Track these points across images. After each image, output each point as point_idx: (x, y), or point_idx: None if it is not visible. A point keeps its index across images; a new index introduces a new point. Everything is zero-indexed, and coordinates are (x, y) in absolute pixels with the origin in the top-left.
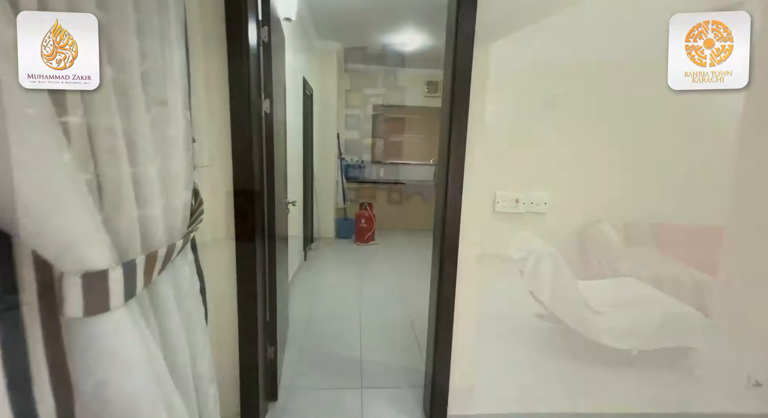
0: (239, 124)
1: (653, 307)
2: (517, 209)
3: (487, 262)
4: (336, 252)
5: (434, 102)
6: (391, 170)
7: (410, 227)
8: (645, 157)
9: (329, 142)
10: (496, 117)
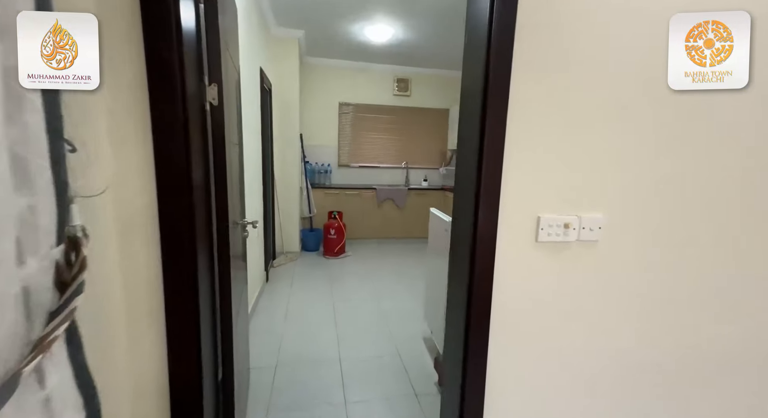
0: (166, 120)
1: None
2: (566, 237)
3: (532, 324)
4: (303, 269)
5: (404, 101)
6: (361, 174)
7: (383, 235)
8: None
9: (291, 144)
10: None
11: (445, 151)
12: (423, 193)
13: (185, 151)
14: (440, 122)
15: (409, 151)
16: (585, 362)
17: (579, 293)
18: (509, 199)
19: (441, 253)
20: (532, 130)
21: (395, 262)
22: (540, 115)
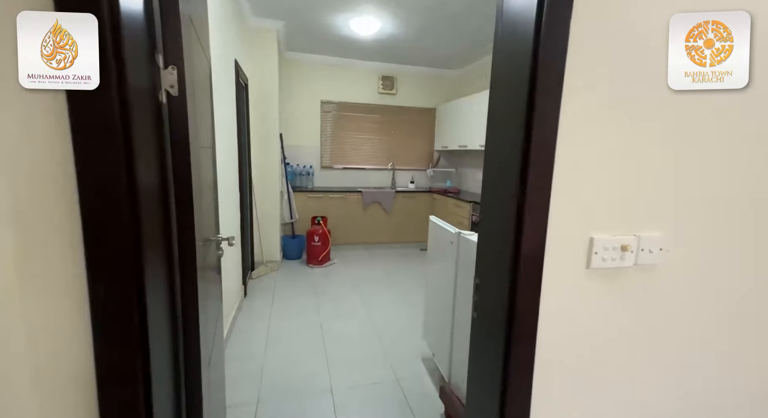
0: (90, 110)
1: None
2: (622, 262)
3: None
4: (285, 280)
5: (389, 100)
6: (345, 177)
7: (370, 240)
8: None
9: (270, 145)
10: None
11: (432, 151)
12: (410, 196)
13: (120, 152)
14: (427, 122)
15: (395, 152)
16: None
17: (640, 329)
18: (557, 214)
19: (443, 266)
20: (588, 122)
21: (385, 269)
22: (596, 103)
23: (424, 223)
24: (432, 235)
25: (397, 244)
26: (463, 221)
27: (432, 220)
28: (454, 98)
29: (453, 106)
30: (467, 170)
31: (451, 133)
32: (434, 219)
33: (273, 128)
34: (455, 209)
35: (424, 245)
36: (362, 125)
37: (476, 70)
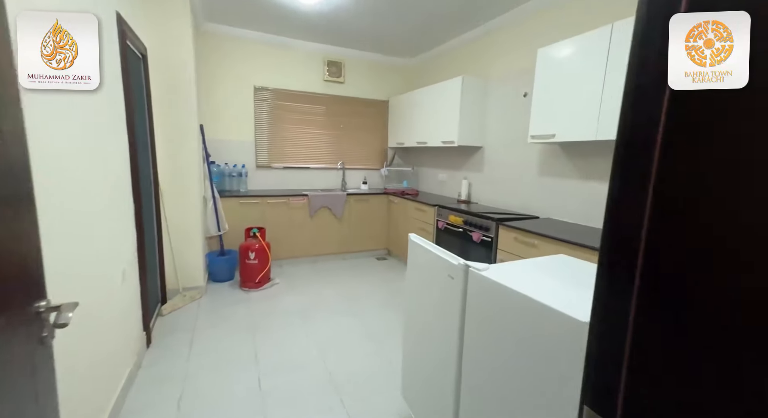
0: None
1: None
2: None
3: None
4: (211, 311)
5: (337, 89)
6: (286, 178)
7: (319, 252)
8: None
9: (186, 139)
10: None
11: (386, 149)
12: (364, 198)
13: None
14: (379, 116)
15: (344, 150)
16: None
17: None
18: None
19: (438, 308)
20: None
21: (339, 287)
22: None
23: (379, 228)
24: (414, 261)
25: (350, 254)
26: (426, 227)
27: (414, 240)
28: (409, 90)
29: (409, 99)
30: (426, 170)
31: (408, 128)
32: (417, 239)
33: (189, 118)
34: (417, 213)
35: (380, 253)
36: (306, 118)
37: (433, 60)
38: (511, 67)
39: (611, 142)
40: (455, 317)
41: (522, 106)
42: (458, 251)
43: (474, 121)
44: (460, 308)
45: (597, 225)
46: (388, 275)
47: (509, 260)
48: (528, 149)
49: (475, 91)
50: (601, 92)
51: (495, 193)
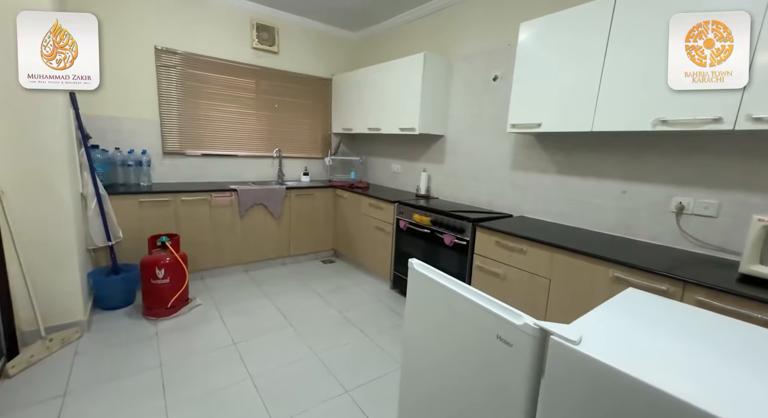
0: None
1: None
2: None
3: None
4: (94, 362)
5: (269, 60)
6: (207, 169)
7: (252, 258)
8: None
9: (42, 112)
10: None
11: (329, 135)
12: (306, 193)
13: None
14: (321, 96)
15: (281, 135)
16: None
17: None
18: None
19: (458, 372)
20: None
21: (280, 301)
22: None
23: (324, 227)
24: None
25: (290, 258)
26: (384, 227)
27: (419, 269)
28: (356, 67)
29: (358, 78)
30: (377, 160)
31: (357, 112)
32: (426, 269)
33: None
34: (372, 210)
35: (326, 255)
36: (231, 94)
37: (384, 35)
38: (480, 46)
39: (603, 135)
40: (517, 405)
41: (492, 91)
42: (424, 256)
43: (436, 106)
44: (526, 394)
45: (577, 224)
46: (337, 280)
47: (488, 267)
48: (498, 140)
49: (437, 71)
50: (599, 76)
51: (458, 187)
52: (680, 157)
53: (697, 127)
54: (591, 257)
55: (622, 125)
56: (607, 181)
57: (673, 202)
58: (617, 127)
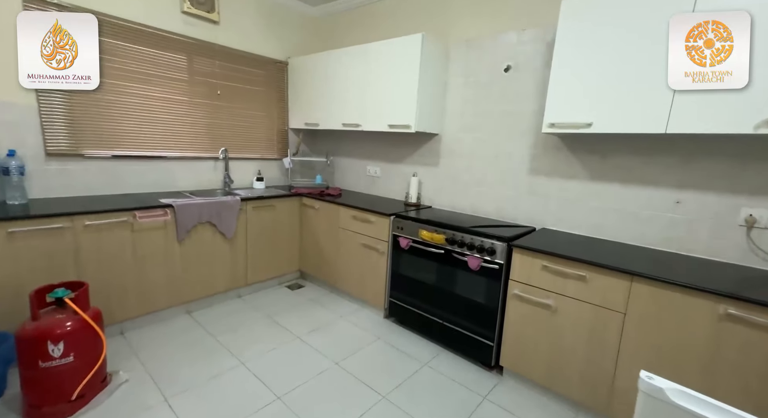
0: None
1: None
2: None
3: None
4: None
5: (205, 31)
6: (119, 175)
7: (198, 294)
8: None
9: None
10: None
11: (285, 130)
12: (266, 204)
13: None
14: (275, 82)
15: (227, 129)
16: None
17: None
18: None
19: None
20: None
21: (256, 364)
22: None
23: (288, 244)
24: None
25: (248, 288)
26: (378, 246)
27: (675, 399)
28: (315, 50)
29: (324, 62)
30: (348, 161)
31: (326, 104)
32: (692, 402)
33: None
34: (355, 223)
35: (291, 278)
36: (154, 73)
37: (352, 13)
38: (486, 31)
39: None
40: None
41: (503, 84)
42: (438, 282)
43: (433, 100)
44: None
45: (615, 238)
46: (315, 312)
47: (532, 296)
48: (511, 140)
49: (434, 58)
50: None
51: (457, 194)
52: (747, 163)
53: None
54: (696, 290)
55: (712, 127)
56: (654, 189)
57: (742, 214)
58: (706, 130)
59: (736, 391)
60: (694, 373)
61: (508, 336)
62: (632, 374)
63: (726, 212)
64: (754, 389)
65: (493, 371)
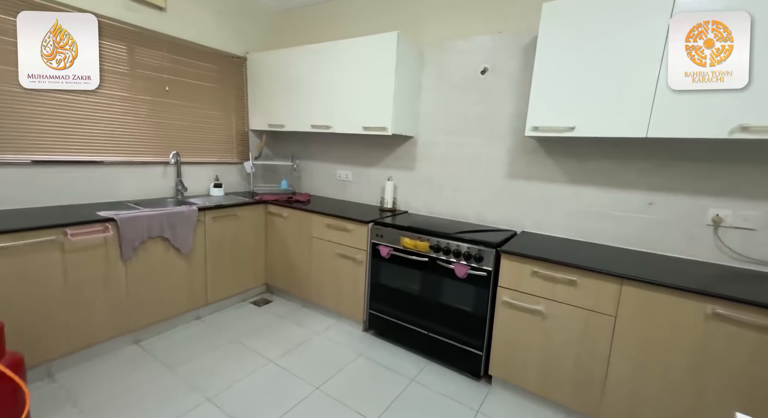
0: None
1: None
2: None
3: None
4: None
5: (152, 19)
6: (42, 184)
7: (148, 320)
8: None
9: None
10: None
11: (246, 132)
12: (228, 213)
13: None
14: (232, 79)
15: (179, 130)
16: None
17: None
18: None
19: None
20: None
21: (227, 398)
22: None
23: (253, 256)
24: None
25: (207, 308)
26: (355, 255)
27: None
28: (275, 46)
29: (289, 59)
30: (316, 165)
31: (291, 104)
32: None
33: None
34: (329, 232)
35: (257, 293)
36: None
37: (316, 8)
38: (461, 33)
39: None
40: None
41: (479, 87)
42: (422, 292)
43: (409, 101)
44: None
45: (594, 240)
46: (287, 330)
47: (522, 302)
48: (489, 143)
49: (409, 58)
50: (659, 69)
51: (434, 199)
52: (714, 165)
53: None
54: (686, 291)
55: (688, 131)
56: (630, 191)
57: (710, 214)
58: (681, 134)
59: (724, 390)
60: (684, 373)
61: (497, 344)
62: (623, 377)
63: (695, 213)
64: (741, 388)
65: (481, 381)
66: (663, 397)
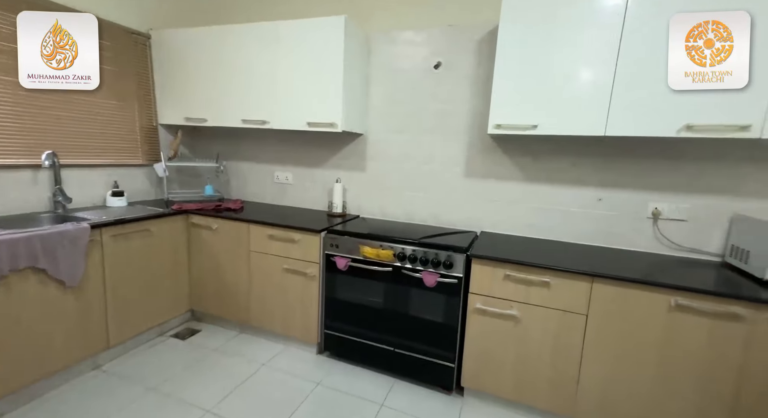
0: None
1: None
2: None
3: None
4: None
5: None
6: None
7: (17, 384)
8: None
9: None
10: None
11: (155, 126)
12: (136, 228)
13: None
14: (134, 62)
15: (54, 125)
16: None
17: None
18: None
19: None
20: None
21: None
22: None
23: (172, 280)
24: None
25: (112, 352)
26: (306, 269)
27: None
28: (197, 23)
29: (212, 41)
30: (249, 166)
31: (216, 95)
32: None
33: None
34: (273, 245)
35: (180, 324)
36: None
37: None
38: (408, 24)
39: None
40: None
41: (433, 82)
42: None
43: (357, 95)
44: None
45: (551, 236)
46: (226, 367)
47: (494, 308)
48: (444, 142)
49: (356, 48)
50: (614, 67)
51: (388, 201)
52: (657, 163)
53: (722, 135)
54: (652, 285)
55: (642, 130)
56: (582, 188)
57: (650, 208)
58: (637, 133)
59: (688, 377)
60: (652, 365)
61: (469, 354)
62: (595, 373)
63: (638, 207)
64: (703, 374)
65: (452, 394)
66: (634, 388)
